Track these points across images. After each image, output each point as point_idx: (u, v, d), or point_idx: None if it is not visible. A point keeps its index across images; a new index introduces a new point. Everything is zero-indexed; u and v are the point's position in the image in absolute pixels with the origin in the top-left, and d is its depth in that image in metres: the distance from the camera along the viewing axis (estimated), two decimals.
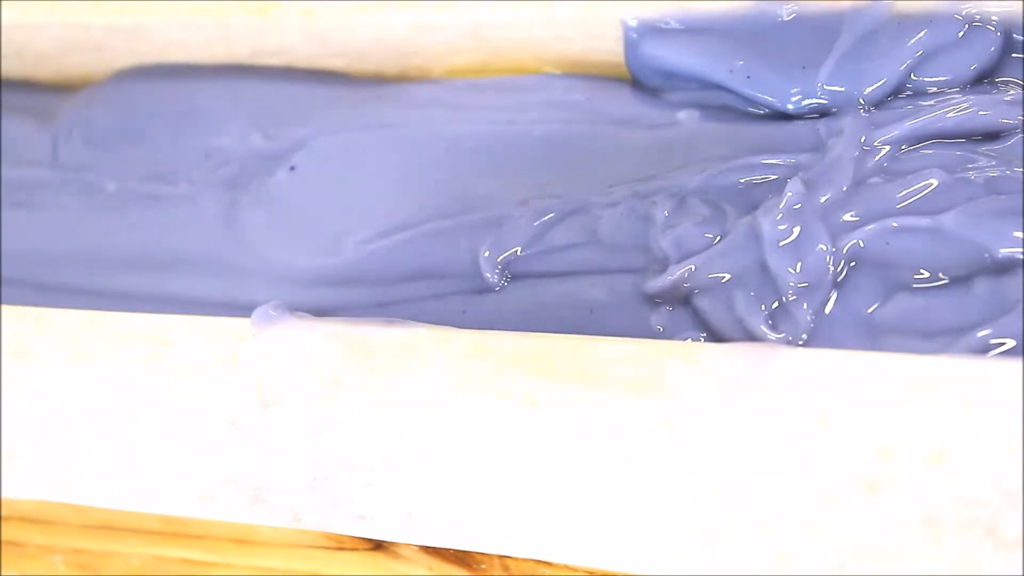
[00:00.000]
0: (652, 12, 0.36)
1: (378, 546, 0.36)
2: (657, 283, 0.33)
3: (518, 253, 0.35)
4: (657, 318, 0.34)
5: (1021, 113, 0.33)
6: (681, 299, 0.34)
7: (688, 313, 0.34)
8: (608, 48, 0.37)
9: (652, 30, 0.36)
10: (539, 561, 0.33)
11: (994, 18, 0.33)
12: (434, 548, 0.35)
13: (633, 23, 0.36)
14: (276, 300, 0.35)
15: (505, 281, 0.36)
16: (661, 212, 0.34)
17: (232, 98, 0.39)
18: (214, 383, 0.35)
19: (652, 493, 0.31)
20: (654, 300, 0.34)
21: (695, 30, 0.35)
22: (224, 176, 0.39)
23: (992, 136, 0.33)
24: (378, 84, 0.39)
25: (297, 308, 0.35)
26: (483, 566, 0.35)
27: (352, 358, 0.34)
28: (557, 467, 0.32)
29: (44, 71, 0.43)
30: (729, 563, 0.31)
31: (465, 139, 0.37)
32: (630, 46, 0.36)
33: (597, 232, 0.35)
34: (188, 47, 0.40)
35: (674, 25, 0.36)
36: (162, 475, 0.35)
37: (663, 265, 0.34)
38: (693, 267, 0.33)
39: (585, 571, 0.33)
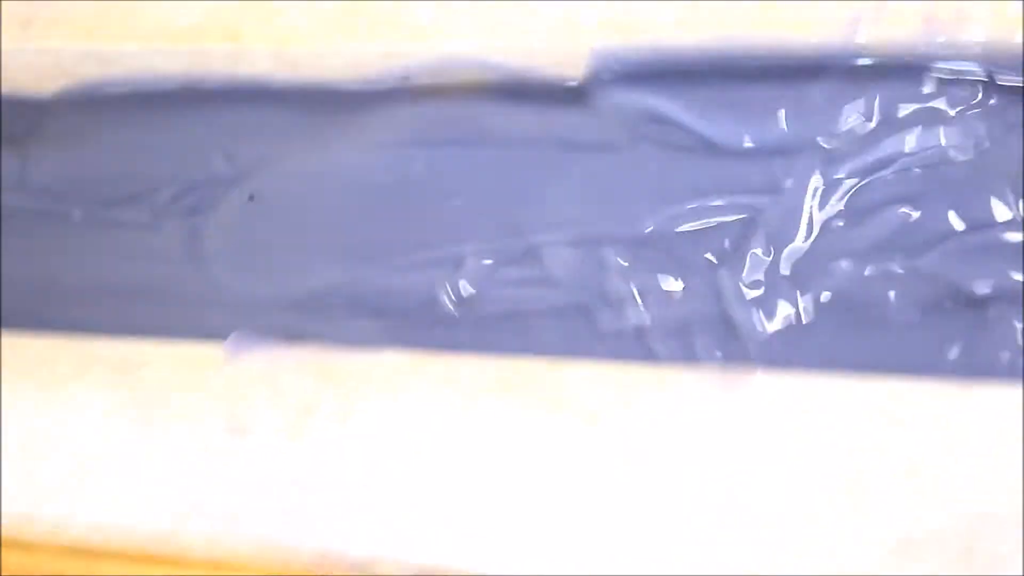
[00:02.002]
0: (619, 45, 0.35)
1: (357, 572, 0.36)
2: (613, 326, 0.34)
3: (471, 290, 0.35)
4: (609, 355, 0.34)
5: (983, 130, 0.32)
6: (634, 338, 0.34)
7: (641, 350, 0.34)
8: (571, 77, 0.37)
9: (616, 66, 0.35)
10: None
11: (967, 74, 0.33)
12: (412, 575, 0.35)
13: (600, 56, 0.35)
14: (248, 327, 0.35)
15: (461, 316, 0.35)
16: (615, 257, 0.34)
17: (198, 125, 0.39)
18: (184, 409, 0.35)
19: (621, 518, 0.31)
20: (605, 338, 0.34)
21: (657, 69, 0.35)
22: (187, 204, 0.39)
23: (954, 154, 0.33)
24: (345, 110, 0.39)
25: (264, 335, 0.35)
26: None
27: (324, 385, 0.34)
28: (527, 492, 0.32)
29: (15, 96, 0.43)
30: None
31: (422, 170, 0.37)
32: (594, 81, 0.36)
33: (548, 272, 0.35)
34: (159, 74, 0.39)
35: (639, 62, 0.35)
36: (132, 501, 0.35)
37: (617, 308, 0.34)
38: (650, 318, 0.33)
39: None
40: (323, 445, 0.34)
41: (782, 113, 0.33)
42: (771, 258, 0.33)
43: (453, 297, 0.35)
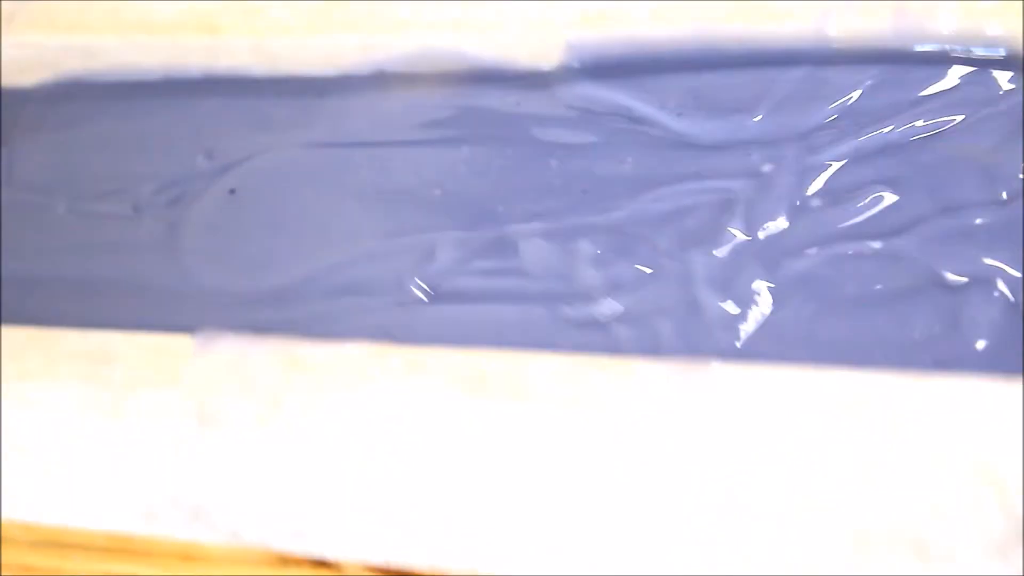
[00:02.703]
0: (593, 38, 0.35)
1: (322, 564, 0.36)
2: (581, 313, 0.34)
3: (443, 276, 0.35)
4: (573, 343, 0.34)
5: (959, 114, 0.32)
6: (602, 328, 0.34)
7: (608, 341, 0.33)
8: (548, 72, 0.36)
9: (591, 60, 0.35)
10: None
11: (951, 49, 0.32)
12: (379, 566, 0.35)
13: (575, 49, 0.35)
14: (217, 320, 0.35)
15: (431, 302, 0.35)
16: (588, 245, 0.34)
17: (179, 117, 0.39)
18: (155, 401, 0.35)
19: (587, 508, 0.31)
20: (573, 328, 0.34)
21: (631, 63, 0.35)
22: (168, 198, 0.39)
23: (934, 136, 0.32)
24: (323, 101, 0.39)
25: (237, 328, 0.35)
26: None
27: (291, 376, 0.34)
28: (495, 483, 0.32)
29: None
30: None
31: (397, 160, 0.37)
32: (568, 74, 0.36)
33: (519, 261, 0.35)
34: (141, 67, 0.40)
35: (613, 56, 0.35)
36: (104, 492, 0.35)
37: (586, 296, 0.34)
38: (621, 308, 0.33)
39: None
40: (291, 436, 0.34)
41: (756, 105, 0.33)
42: (745, 243, 0.33)
43: (424, 287, 0.35)
